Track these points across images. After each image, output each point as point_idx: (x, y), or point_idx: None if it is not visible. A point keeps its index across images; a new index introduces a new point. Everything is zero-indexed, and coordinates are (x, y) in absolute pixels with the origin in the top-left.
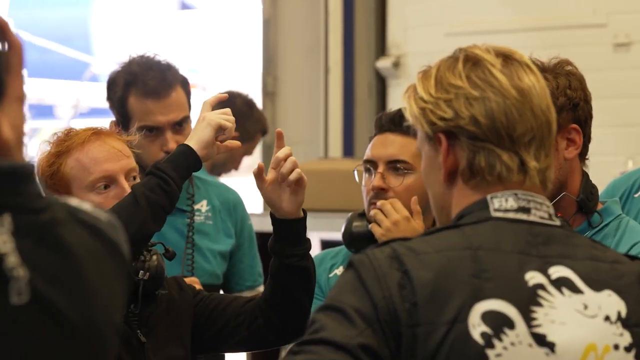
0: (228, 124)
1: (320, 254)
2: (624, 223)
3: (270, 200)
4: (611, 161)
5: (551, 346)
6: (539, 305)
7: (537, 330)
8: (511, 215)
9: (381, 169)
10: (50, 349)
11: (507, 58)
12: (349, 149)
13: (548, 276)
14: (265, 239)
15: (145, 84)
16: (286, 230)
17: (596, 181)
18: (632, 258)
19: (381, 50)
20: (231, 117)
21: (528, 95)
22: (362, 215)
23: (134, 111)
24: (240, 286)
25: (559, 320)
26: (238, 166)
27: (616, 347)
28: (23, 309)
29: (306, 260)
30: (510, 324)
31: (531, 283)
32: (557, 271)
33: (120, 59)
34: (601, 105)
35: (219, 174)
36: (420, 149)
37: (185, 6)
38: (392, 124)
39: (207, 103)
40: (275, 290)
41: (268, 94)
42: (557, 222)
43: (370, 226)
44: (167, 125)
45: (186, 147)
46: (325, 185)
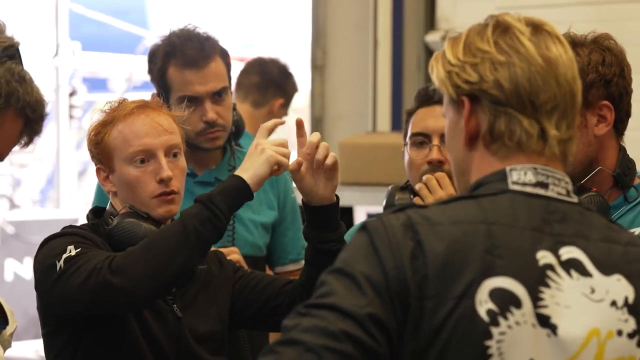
0: (285, 161)
1: (358, 225)
2: None
3: (307, 189)
4: None
5: (553, 328)
6: (547, 286)
7: (542, 311)
8: (529, 189)
9: (436, 141)
10: None
11: (537, 27)
12: (397, 123)
13: (558, 257)
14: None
15: (184, 54)
16: (323, 216)
17: (635, 156)
18: None
19: (430, 24)
20: (287, 151)
21: (554, 64)
22: (404, 189)
23: (174, 82)
24: (283, 259)
25: (564, 303)
26: None
27: (619, 333)
28: None
29: (342, 243)
30: (518, 302)
31: (541, 263)
32: (568, 252)
33: (162, 33)
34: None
35: None
36: (445, 115)
37: None
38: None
39: (264, 128)
40: (313, 275)
41: (317, 67)
42: (575, 199)
43: (414, 200)
44: (206, 96)
45: (241, 182)
46: (373, 159)
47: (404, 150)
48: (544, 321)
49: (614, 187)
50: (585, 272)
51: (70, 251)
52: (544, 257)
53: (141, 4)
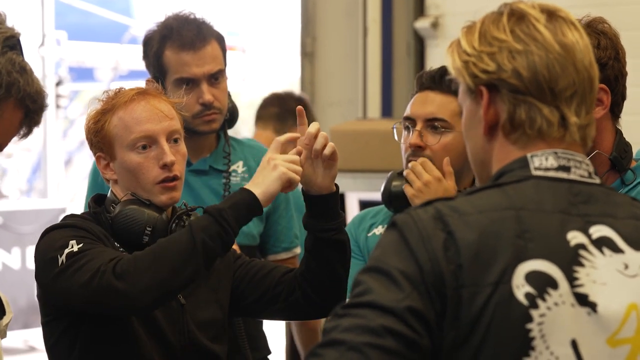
0: (297, 179)
1: (361, 213)
2: None
3: (305, 178)
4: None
5: (593, 306)
6: (581, 265)
7: (580, 290)
8: (551, 173)
9: (419, 126)
10: None
11: (551, 14)
12: (387, 110)
13: (589, 236)
14: None
15: (181, 36)
16: (322, 205)
17: (630, 140)
18: None
19: (420, 10)
20: (299, 168)
21: (571, 50)
22: (400, 175)
23: (170, 64)
24: (276, 248)
25: (600, 280)
26: None
27: None
28: None
29: (341, 233)
30: (554, 284)
31: (573, 243)
32: (597, 230)
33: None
34: (634, 65)
35: None
36: (462, 104)
37: None
38: (432, 81)
39: (278, 142)
40: (312, 265)
41: (307, 54)
42: (597, 180)
43: (404, 187)
44: (202, 78)
45: (252, 197)
46: (364, 145)
47: None
48: (583, 300)
49: (611, 170)
50: (617, 249)
51: (73, 246)
52: (575, 237)
53: None
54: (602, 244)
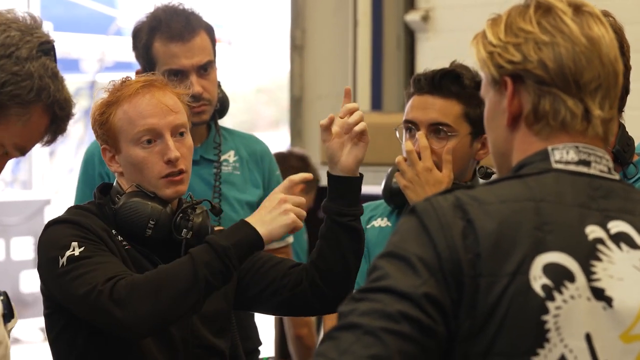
0: (301, 225)
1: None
2: None
3: (332, 153)
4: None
5: (609, 301)
6: (598, 259)
7: (596, 284)
8: (572, 167)
9: (423, 132)
10: None
11: (578, 8)
12: (377, 103)
13: (607, 230)
14: (321, 191)
15: (170, 27)
16: (343, 187)
17: (632, 134)
18: None
19: (410, 3)
20: (304, 213)
21: (597, 44)
22: None
23: (159, 55)
24: None
25: (617, 275)
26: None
27: None
28: None
29: (358, 222)
30: (571, 277)
31: (591, 237)
32: (616, 226)
33: (147, 11)
34: (637, 59)
35: None
36: (484, 96)
37: None
38: (431, 86)
39: (292, 181)
40: (325, 251)
41: (296, 47)
42: (616, 177)
43: (395, 175)
44: (191, 69)
45: (257, 237)
46: None
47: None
48: (599, 294)
49: (614, 163)
50: (634, 245)
51: (74, 249)
52: (593, 231)
53: None
54: (620, 239)
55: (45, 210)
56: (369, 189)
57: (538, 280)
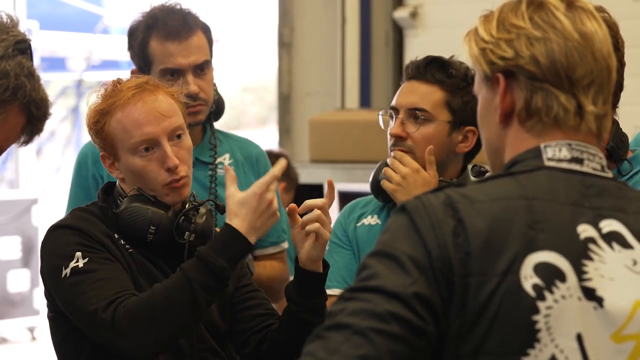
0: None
1: (351, 203)
2: None
3: (295, 243)
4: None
5: (599, 301)
6: (590, 259)
7: (587, 284)
8: (564, 165)
9: (401, 116)
10: None
11: (570, 3)
12: (365, 100)
13: (599, 230)
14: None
15: (167, 26)
16: (303, 278)
17: (627, 131)
18: None
19: (398, 0)
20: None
21: (590, 39)
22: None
23: (155, 54)
24: (264, 242)
25: (607, 275)
26: None
27: None
28: None
29: (312, 314)
30: (562, 276)
31: (583, 236)
32: (608, 225)
33: (135, 9)
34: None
35: None
36: (477, 93)
37: None
38: (417, 72)
39: (275, 175)
40: (286, 332)
41: (284, 45)
42: (609, 175)
43: (381, 183)
44: (188, 68)
45: (249, 247)
46: (342, 136)
47: None
48: (590, 294)
49: (608, 160)
50: (626, 244)
51: (78, 260)
52: (585, 230)
53: None
54: (612, 238)
55: (33, 209)
56: (359, 187)
57: (529, 280)
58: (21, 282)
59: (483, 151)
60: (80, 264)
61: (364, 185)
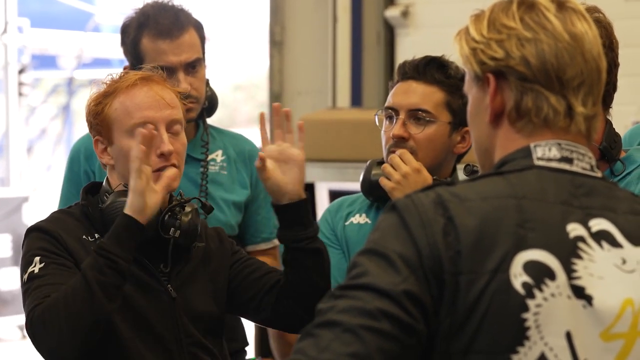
0: (175, 186)
1: (337, 201)
2: None
3: (275, 185)
4: (624, 110)
5: (589, 299)
6: (579, 257)
7: (577, 282)
8: (554, 164)
9: (402, 117)
10: None
11: (561, 4)
12: (357, 99)
13: (588, 229)
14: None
15: (158, 24)
16: (294, 214)
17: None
18: None
19: None
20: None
21: (580, 40)
22: (381, 163)
23: (147, 52)
24: (256, 238)
25: (597, 274)
26: None
27: None
28: None
29: (316, 241)
30: (552, 274)
31: (572, 235)
32: (597, 224)
33: (126, 7)
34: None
35: None
36: (468, 92)
37: None
38: (415, 72)
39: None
40: (292, 278)
41: (275, 43)
42: (599, 174)
43: (379, 180)
44: (179, 66)
45: (128, 219)
46: (334, 135)
47: None
48: (579, 292)
49: (601, 160)
50: (615, 243)
51: (35, 265)
52: (575, 229)
53: None
54: (601, 237)
55: (24, 207)
56: (351, 186)
57: (518, 278)
58: (12, 280)
59: (473, 151)
60: (36, 269)
61: (355, 184)
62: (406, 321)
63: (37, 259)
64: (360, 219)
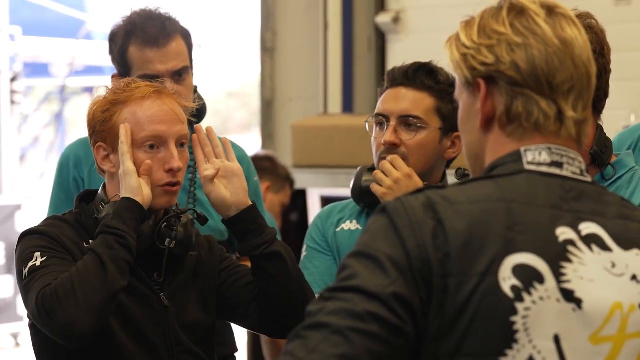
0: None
1: (327, 208)
2: (637, 175)
3: (219, 200)
4: (614, 115)
5: (578, 302)
6: (569, 261)
7: (566, 285)
8: (544, 169)
9: (393, 123)
10: None
11: (551, 9)
12: (348, 105)
13: (578, 232)
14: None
15: (145, 32)
16: (245, 223)
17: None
18: None
19: (380, 5)
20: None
21: (570, 45)
22: (371, 170)
23: (134, 60)
24: None
25: (587, 277)
26: (278, 217)
27: None
28: None
29: (275, 244)
30: (540, 278)
31: (562, 238)
32: (587, 228)
33: (117, 15)
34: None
35: None
36: (458, 98)
37: None
38: (405, 78)
39: (127, 153)
40: (262, 287)
41: (267, 50)
42: (588, 179)
43: (371, 186)
44: (166, 74)
45: (129, 201)
46: (325, 141)
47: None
48: (569, 296)
49: (592, 164)
50: (605, 247)
51: (37, 259)
52: (564, 233)
53: None
54: (591, 241)
55: (16, 215)
56: (343, 192)
57: (507, 281)
58: (5, 288)
59: (464, 155)
60: (38, 262)
61: (346, 190)
62: (395, 323)
63: (37, 254)
64: (351, 225)
